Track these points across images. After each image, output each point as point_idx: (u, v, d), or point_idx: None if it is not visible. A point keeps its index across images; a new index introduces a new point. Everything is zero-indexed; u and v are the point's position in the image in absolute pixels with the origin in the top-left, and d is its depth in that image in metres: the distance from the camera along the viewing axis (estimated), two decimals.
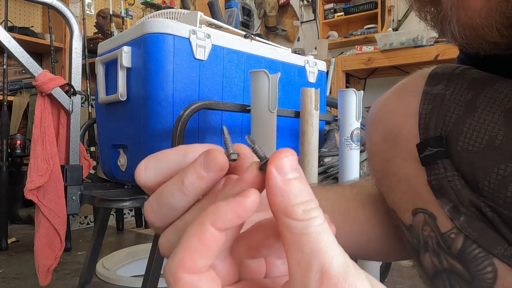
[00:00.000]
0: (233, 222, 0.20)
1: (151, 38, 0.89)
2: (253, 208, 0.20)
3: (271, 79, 0.82)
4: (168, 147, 0.81)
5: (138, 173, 0.24)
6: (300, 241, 0.19)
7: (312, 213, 0.19)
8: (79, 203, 0.95)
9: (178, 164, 0.24)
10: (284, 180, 0.20)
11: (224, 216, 0.19)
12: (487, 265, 0.33)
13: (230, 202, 0.20)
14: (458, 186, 0.34)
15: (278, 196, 0.19)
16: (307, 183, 0.20)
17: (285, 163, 0.20)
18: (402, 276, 1.37)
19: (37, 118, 0.92)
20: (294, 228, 0.19)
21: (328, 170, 1.12)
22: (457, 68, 0.39)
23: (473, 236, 0.34)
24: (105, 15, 2.33)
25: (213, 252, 0.19)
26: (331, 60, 2.84)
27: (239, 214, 0.20)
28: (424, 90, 0.38)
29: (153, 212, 0.24)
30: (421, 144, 0.37)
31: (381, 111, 0.41)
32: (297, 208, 0.19)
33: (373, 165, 0.42)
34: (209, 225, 0.19)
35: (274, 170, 0.19)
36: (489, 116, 0.34)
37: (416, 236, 0.38)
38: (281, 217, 0.19)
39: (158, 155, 0.24)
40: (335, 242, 0.19)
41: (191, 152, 0.24)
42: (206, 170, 0.21)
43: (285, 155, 0.20)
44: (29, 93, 2.33)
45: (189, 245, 0.19)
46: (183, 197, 0.22)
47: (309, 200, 0.20)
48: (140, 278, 1.14)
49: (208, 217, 0.19)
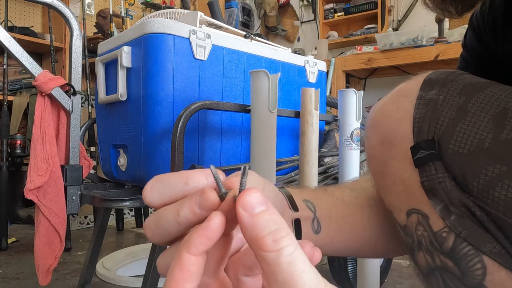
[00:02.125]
0: (205, 245, 0.22)
1: (151, 38, 0.89)
2: (217, 228, 0.22)
3: (271, 79, 0.82)
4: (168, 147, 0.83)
5: (145, 194, 0.27)
6: (274, 271, 0.21)
7: (282, 242, 0.21)
8: (79, 203, 0.95)
9: (179, 190, 0.27)
10: (251, 215, 0.22)
11: (195, 241, 0.22)
12: (477, 262, 0.35)
13: (198, 229, 0.23)
14: (449, 187, 0.36)
15: (248, 231, 0.22)
16: (275, 214, 0.22)
17: (250, 200, 0.22)
18: (402, 276, 1.37)
19: (37, 118, 0.92)
20: (267, 260, 0.21)
21: (328, 170, 1.12)
22: (451, 73, 0.41)
23: (463, 234, 0.35)
24: (105, 15, 2.33)
25: (194, 275, 0.22)
26: (331, 60, 2.84)
27: (208, 236, 0.22)
28: (418, 95, 0.40)
29: (151, 230, 0.27)
30: (414, 147, 0.38)
31: (378, 116, 0.43)
32: (266, 239, 0.21)
33: (371, 168, 0.44)
34: (185, 253, 0.22)
35: (240, 209, 0.22)
36: (479, 120, 0.36)
37: (410, 235, 0.40)
38: (256, 251, 0.22)
39: (163, 178, 0.27)
40: (307, 268, 0.21)
41: (192, 180, 0.27)
42: (199, 208, 0.24)
43: (249, 192, 0.22)
44: (29, 93, 2.33)
45: (173, 274, 0.22)
46: (177, 226, 0.25)
47: (277, 228, 0.22)
48: (140, 278, 1.14)
49: (184, 246, 0.22)
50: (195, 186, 0.26)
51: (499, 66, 0.48)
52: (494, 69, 0.48)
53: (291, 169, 1.10)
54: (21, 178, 2.08)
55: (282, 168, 1.05)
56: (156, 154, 0.91)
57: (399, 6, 3.23)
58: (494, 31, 0.47)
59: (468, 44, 0.52)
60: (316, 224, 0.46)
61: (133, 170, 0.98)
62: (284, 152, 1.15)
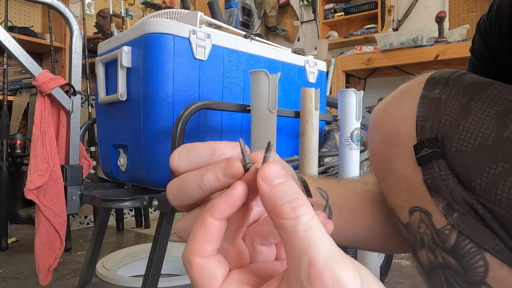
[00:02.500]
0: (228, 211, 0.24)
1: (151, 38, 0.89)
2: (240, 196, 0.24)
3: (271, 79, 0.82)
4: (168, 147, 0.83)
5: (172, 160, 0.28)
6: (292, 239, 0.22)
7: (300, 210, 0.22)
8: (79, 203, 0.95)
9: (206, 159, 0.27)
10: (271, 186, 0.23)
11: (219, 207, 0.24)
12: (479, 259, 0.35)
13: (222, 196, 0.24)
14: (452, 185, 0.36)
15: (268, 200, 0.23)
16: (294, 185, 0.23)
17: (270, 173, 0.23)
18: (402, 276, 1.37)
19: (37, 118, 0.91)
20: (286, 227, 0.22)
21: (328, 170, 1.12)
22: (454, 73, 0.41)
23: (466, 232, 0.36)
24: (105, 15, 2.33)
25: (216, 238, 0.24)
26: (331, 60, 2.84)
27: (230, 203, 0.24)
28: (422, 94, 0.40)
29: (173, 193, 0.27)
30: (418, 145, 0.39)
31: (381, 114, 0.43)
32: (285, 207, 0.22)
33: (374, 166, 0.45)
34: (209, 217, 0.24)
35: (261, 180, 0.23)
36: (481, 119, 0.36)
37: (412, 233, 0.40)
38: (275, 219, 0.23)
39: (190, 147, 0.28)
40: (323, 236, 0.22)
41: (218, 151, 0.27)
42: (223, 175, 0.25)
43: (269, 165, 0.24)
44: (29, 93, 2.33)
45: (196, 235, 0.23)
46: (199, 190, 0.26)
47: (295, 198, 0.23)
48: (140, 278, 1.14)
49: (208, 210, 0.24)
50: (220, 157, 0.27)
51: (505, 71, 0.48)
52: (502, 74, 0.48)
53: None
54: (21, 178, 2.08)
55: None
56: (156, 154, 0.91)
57: (399, 6, 3.23)
58: (500, 37, 0.47)
59: (476, 49, 0.52)
60: (328, 212, 0.47)
61: (133, 170, 0.98)
62: (284, 152, 1.15)
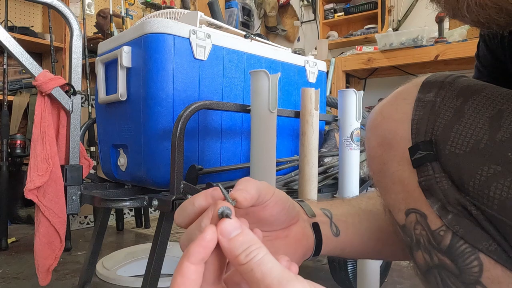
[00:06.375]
0: (202, 253, 0.26)
1: (151, 38, 0.89)
2: (211, 238, 0.27)
3: (271, 79, 0.82)
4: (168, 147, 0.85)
5: (175, 219, 0.36)
6: (250, 277, 0.25)
7: (252, 253, 0.26)
8: (79, 203, 0.95)
9: (190, 210, 0.34)
10: (228, 240, 0.27)
11: (194, 250, 0.26)
12: (473, 260, 0.36)
13: (195, 240, 0.27)
14: (446, 187, 0.37)
15: (227, 252, 0.27)
16: (249, 234, 0.27)
17: (226, 228, 0.27)
18: (402, 276, 1.37)
19: (37, 118, 0.91)
20: (243, 271, 0.26)
21: (328, 170, 1.12)
22: (449, 76, 0.42)
23: (460, 232, 0.36)
24: (105, 15, 2.33)
25: (194, 282, 0.26)
26: (331, 60, 2.84)
27: (204, 246, 0.26)
28: (417, 97, 0.41)
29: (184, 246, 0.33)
30: (412, 147, 0.40)
31: (377, 118, 0.44)
32: (241, 256, 0.26)
33: (372, 168, 0.46)
34: (186, 262, 0.26)
35: (219, 235, 0.27)
36: (475, 122, 0.37)
37: (409, 235, 0.41)
38: (235, 267, 0.26)
39: (181, 206, 0.35)
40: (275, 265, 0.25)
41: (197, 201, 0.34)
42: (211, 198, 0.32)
43: (224, 221, 0.27)
44: (29, 93, 2.33)
45: (176, 281, 0.26)
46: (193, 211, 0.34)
47: (249, 245, 0.26)
48: (140, 278, 1.14)
49: (185, 256, 0.26)
50: (199, 204, 0.34)
51: (509, 77, 0.48)
52: (507, 80, 0.48)
53: (291, 169, 1.10)
54: (21, 178, 2.08)
55: (282, 168, 1.05)
56: (156, 154, 0.91)
57: (399, 6, 3.23)
58: (501, 43, 0.47)
59: (481, 55, 0.52)
60: (335, 228, 0.48)
61: (133, 170, 0.98)
62: (284, 152, 1.15)
